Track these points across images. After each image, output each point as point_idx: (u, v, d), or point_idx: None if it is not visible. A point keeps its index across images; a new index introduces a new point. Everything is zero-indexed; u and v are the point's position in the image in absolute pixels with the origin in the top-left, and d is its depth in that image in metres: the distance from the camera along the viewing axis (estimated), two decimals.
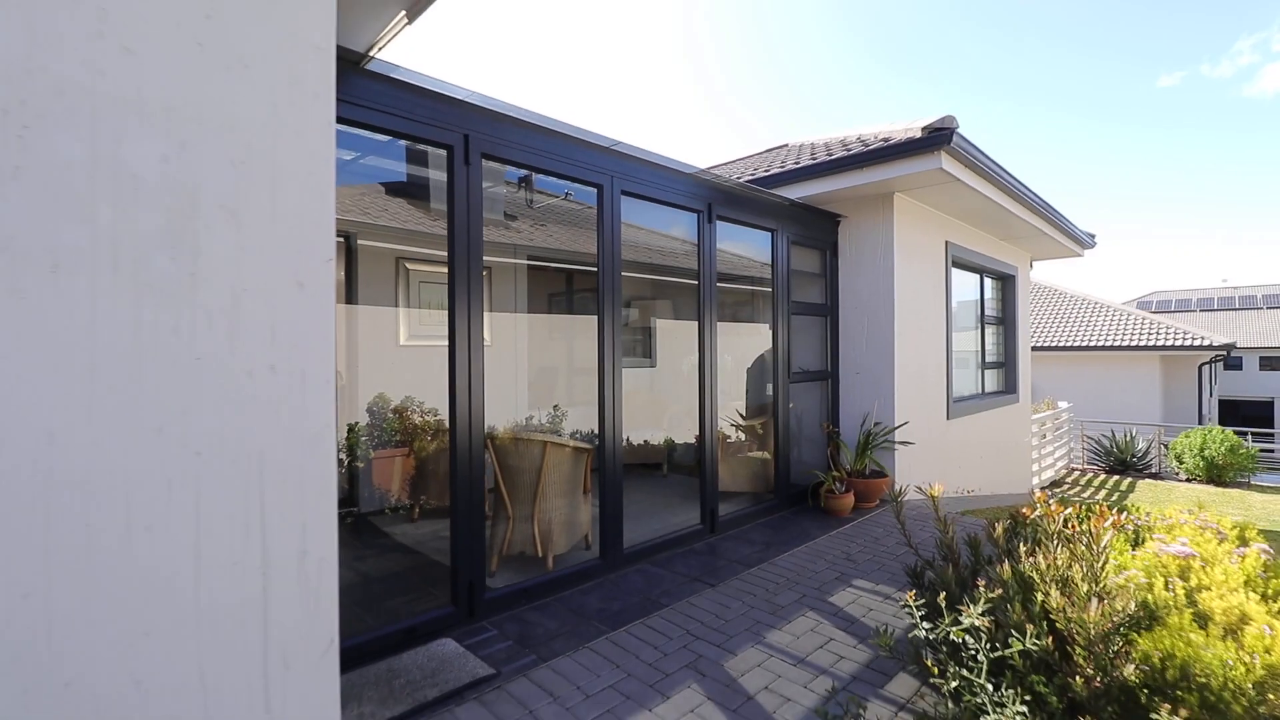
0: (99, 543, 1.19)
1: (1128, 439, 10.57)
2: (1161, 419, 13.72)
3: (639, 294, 7.79)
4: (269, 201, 1.38)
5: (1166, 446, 10.57)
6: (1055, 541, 2.45)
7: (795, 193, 5.49)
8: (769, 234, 5.15)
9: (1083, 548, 2.32)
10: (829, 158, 5.35)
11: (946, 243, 6.49)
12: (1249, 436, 13.00)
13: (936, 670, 1.85)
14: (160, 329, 1.25)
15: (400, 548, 4.37)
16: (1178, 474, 10.23)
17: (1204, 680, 1.99)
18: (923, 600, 2.11)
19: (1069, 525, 2.52)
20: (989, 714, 1.62)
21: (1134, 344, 14.56)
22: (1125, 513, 3.14)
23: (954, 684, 1.75)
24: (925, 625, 1.92)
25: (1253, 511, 8.15)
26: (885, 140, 5.14)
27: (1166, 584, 2.31)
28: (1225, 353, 14.65)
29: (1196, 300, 35.53)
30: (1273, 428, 27.41)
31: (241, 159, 1.35)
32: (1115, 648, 2.07)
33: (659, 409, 7.12)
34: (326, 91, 1.48)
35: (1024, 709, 1.60)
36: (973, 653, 1.81)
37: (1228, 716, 1.95)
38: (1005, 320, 8.46)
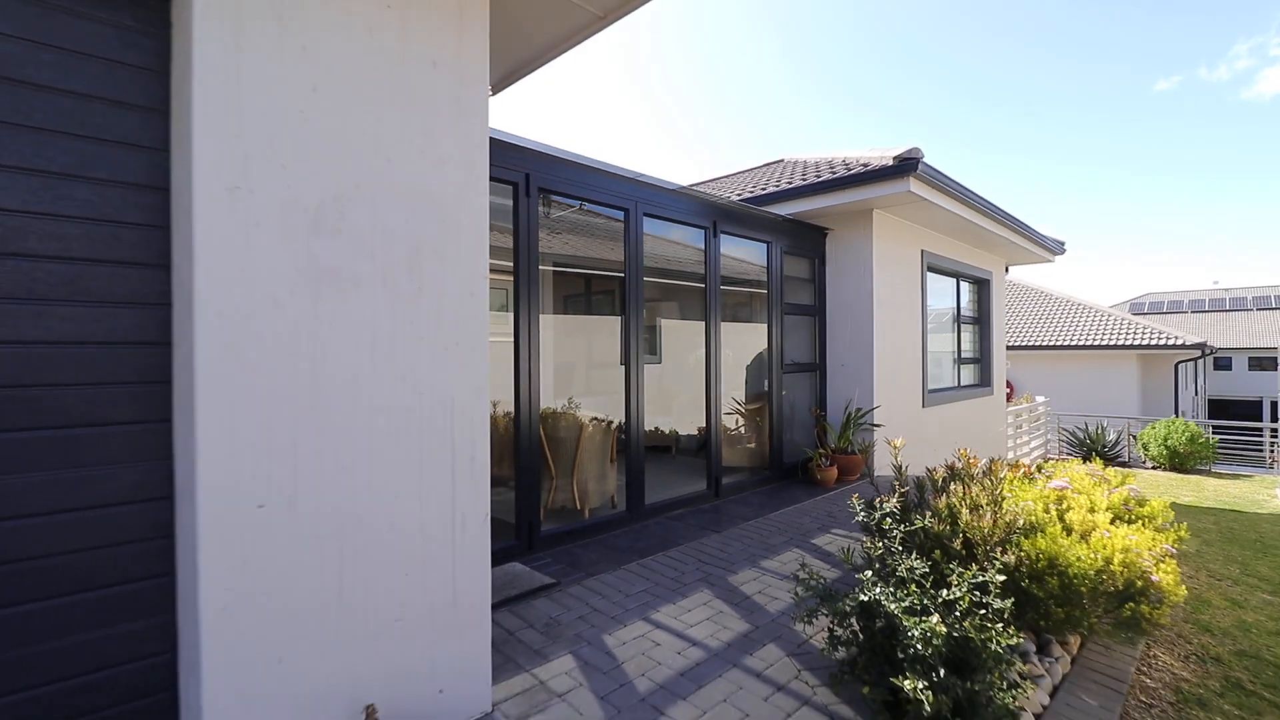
0: (378, 440, 2.10)
1: (1099, 431, 11.51)
2: (1140, 415, 14.64)
3: (647, 297, 8.70)
4: (455, 244, 2.29)
5: (1135, 437, 11.51)
6: (973, 481, 3.38)
7: (787, 209, 6.41)
8: (765, 245, 6.08)
9: (989, 481, 3.24)
10: (817, 179, 6.28)
11: (922, 251, 7.42)
12: (1232, 431, 13.96)
13: (869, 541, 2.78)
14: (402, 320, 2.16)
15: None
16: (1145, 462, 11.17)
17: (1064, 568, 2.91)
18: (873, 515, 3.02)
19: (985, 473, 3.45)
20: (895, 559, 2.54)
21: (1113, 343, 15.53)
22: (1040, 468, 4.07)
23: (879, 550, 2.67)
24: (863, 514, 2.85)
25: (1204, 492, 9.08)
26: (865, 165, 6.06)
27: (1046, 508, 3.23)
28: (1200, 352, 15.61)
29: (1188, 302, 36.53)
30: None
31: (442, 219, 2.26)
32: (1003, 547, 2.99)
33: (667, 399, 8.02)
34: (484, 174, 2.39)
35: (918, 561, 2.52)
36: (892, 534, 2.73)
37: (1079, 590, 2.88)
38: (981, 320, 9.39)
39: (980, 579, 2.47)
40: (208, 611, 1.78)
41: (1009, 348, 17.37)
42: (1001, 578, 2.49)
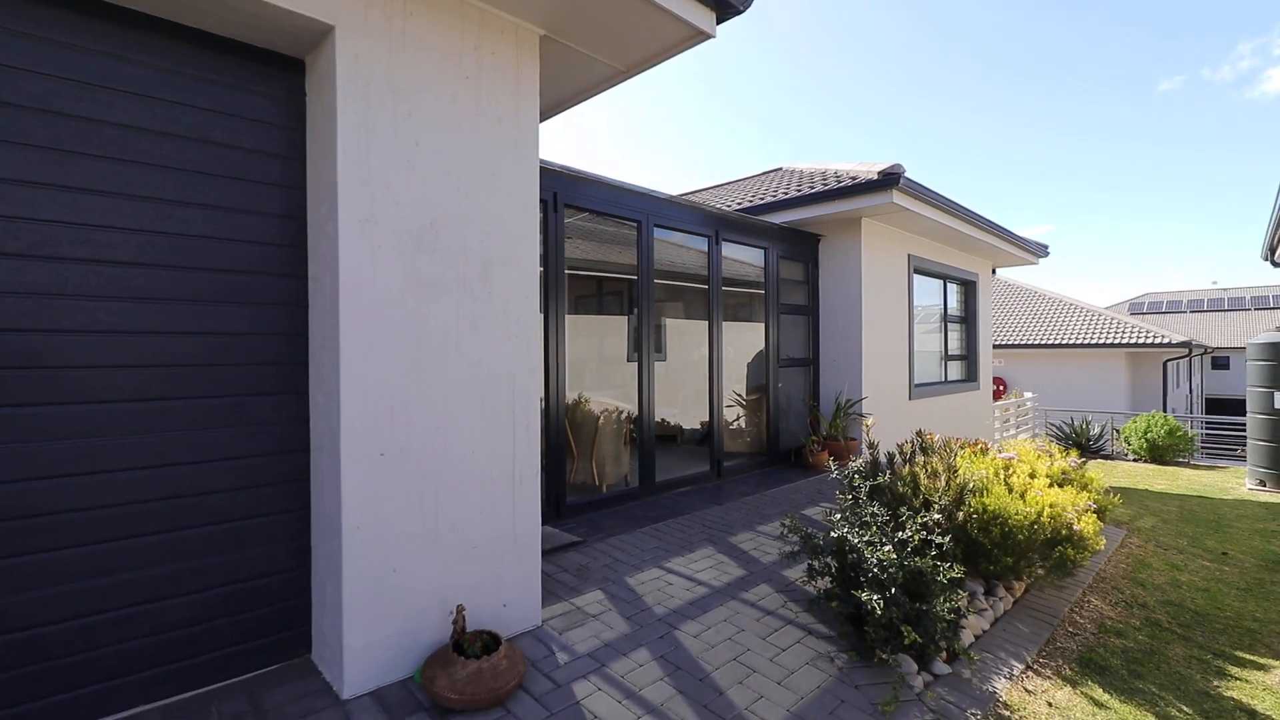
0: (460, 408, 2.77)
1: (1084, 425, 12.14)
2: (1129, 411, 15.27)
3: (625, 287, 9.37)
4: (515, 258, 2.96)
5: (1119, 431, 12.13)
6: (933, 453, 4.04)
7: (783, 217, 7.07)
8: (763, 250, 6.74)
9: (945, 453, 3.91)
10: (810, 190, 6.94)
11: (909, 255, 8.08)
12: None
13: (842, 496, 3.45)
14: (479, 318, 2.83)
15: None
16: (1126, 455, 11.79)
17: (1004, 519, 3.57)
18: (846, 473, 3.69)
19: (943, 446, 4.12)
20: (862, 508, 3.21)
21: (1102, 342, 16.17)
22: (995, 444, 4.73)
23: (848, 501, 3.34)
24: (837, 473, 3.52)
25: (1177, 481, 9.71)
26: (853, 178, 6.72)
27: (995, 474, 3.89)
28: (1186, 351, 16.24)
29: (1187, 302, 37.09)
30: None
31: (506, 239, 2.93)
32: (959, 508, 3.65)
33: (672, 393, 8.69)
34: (535, 203, 3.06)
35: (879, 509, 3.18)
36: (860, 489, 3.40)
37: (1018, 540, 3.54)
38: (967, 319, 10.04)
39: (924, 518, 3.13)
40: (347, 530, 2.45)
41: (1003, 346, 18.02)
42: (938, 515, 3.15)
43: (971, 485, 3.73)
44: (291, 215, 2.67)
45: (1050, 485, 3.88)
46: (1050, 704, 2.85)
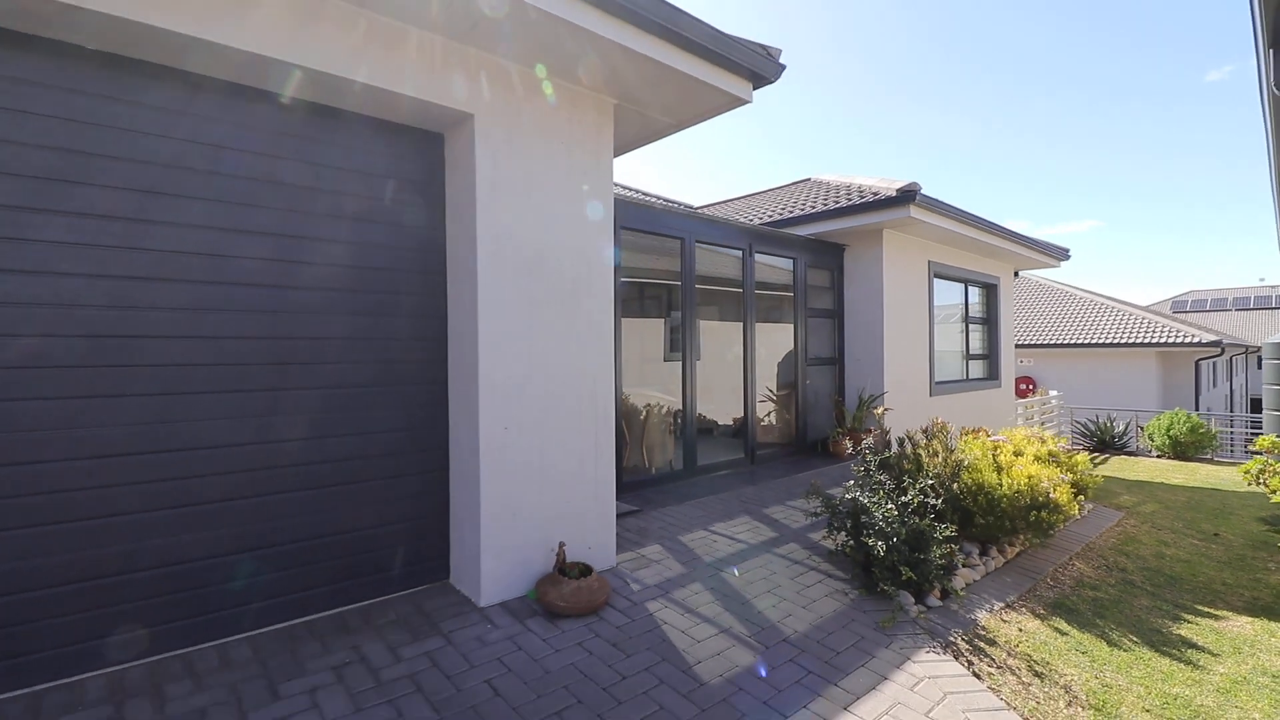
0: (556, 396, 3.67)
1: (1109, 422, 12.58)
2: (1159, 409, 15.56)
3: (669, 295, 10.21)
4: (596, 280, 3.85)
5: (1143, 428, 12.55)
6: (937, 437, 4.82)
7: (810, 229, 7.86)
8: (792, 260, 7.54)
9: (943, 436, 4.69)
10: (835, 205, 7.71)
11: (929, 261, 8.77)
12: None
13: (856, 469, 4.27)
14: (568, 326, 3.73)
15: None
16: (1150, 451, 12.22)
17: (990, 491, 4.35)
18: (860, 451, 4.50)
19: (941, 430, 4.89)
20: (872, 477, 4.03)
21: (1132, 341, 16.45)
22: (993, 430, 5.47)
23: (861, 471, 4.16)
24: (851, 449, 4.33)
25: (1195, 476, 10.18)
26: (875, 194, 7.48)
27: (984, 453, 4.65)
28: (1219, 350, 16.42)
29: (1232, 300, 36.42)
30: None
31: (589, 265, 3.82)
32: (954, 481, 4.43)
33: (709, 389, 9.53)
34: (611, 235, 3.95)
35: (886, 478, 3.99)
36: (870, 461, 4.21)
37: (1002, 507, 4.31)
38: (989, 321, 10.65)
39: (922, 484, 3.93)
40: (484, 485, 3.36)
41: (1033, 345, 18.38)
42: (933, 482, 3.95)
43: (966, 462, 4.51)
44: (432, 249, 3.61)
45: (1035, 463, 4.63)
46: (1020, 630, 3.63)
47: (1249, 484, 6.07)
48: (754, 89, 3.97)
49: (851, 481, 4.31)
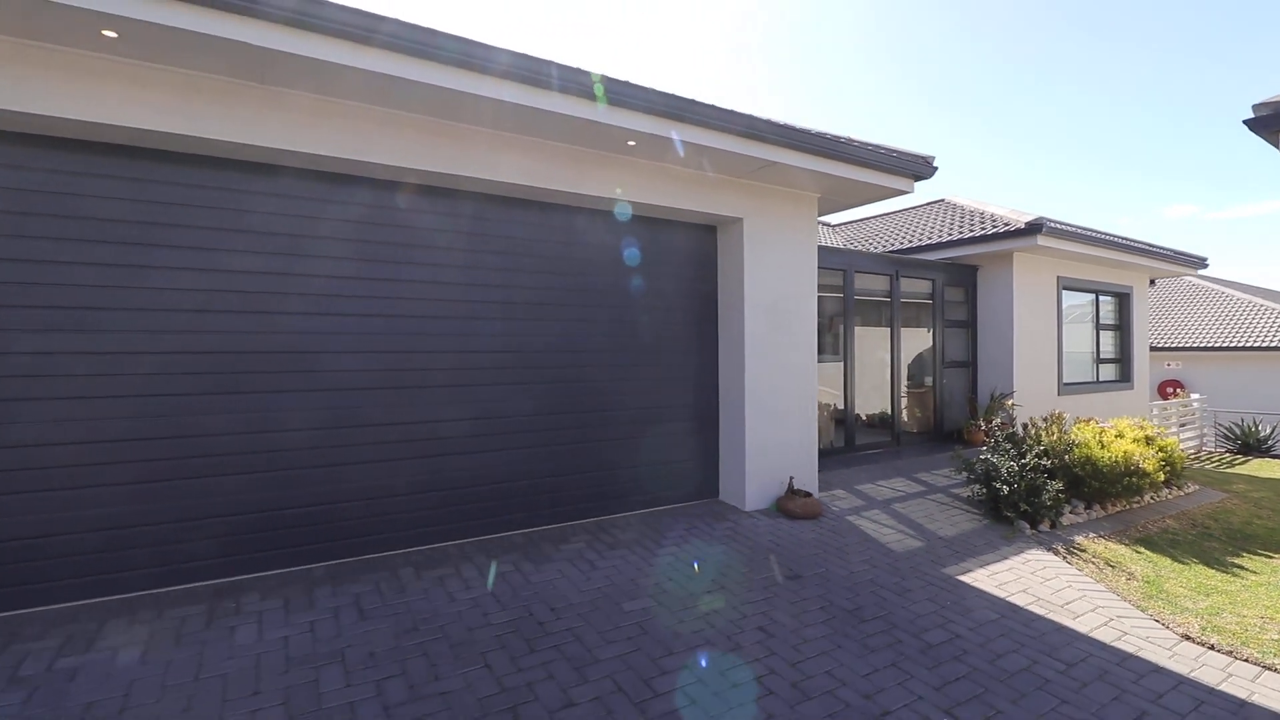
0: (784, 392, 6.02)
1: (1253, 425, 13.09)
2: None
3: (835, 311, 12.21)
4: (805, 315, 6.16)
5: None
6: (1053, 423, 6.68)
7: (945, 254, 9.70)
8: (931, 281, 9.44)
9: (1059, 421, 6.56)
10: (969, 234, 9.49)
11: (1058, 277, 10.27)
12: None
13: (987, 440, 6.28)
14: (792, 343, 6.06)
15: None
16: None
17: (1096, 462, 6.21)
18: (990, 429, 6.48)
19: (1057, 418, 6.75)
20: (999, 445, 6.03)
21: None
22: (1106, 420, 7.20)
23: (991, 442, 6.17)
24: (984, 428, 6.34)
25: None
26: (1007, 225, 9.20)
27: (1093, 436, 6.46)
28: None
29: None
30: None
31: (799, 303, 6.12)
32: (1067, 454, 6.31)
33: (859, 385, 11.52)
34: (815, 282, 6.23)
35: (1009, 444, 5.98)
36: (998, 435, 6.21)
37: (1103, 473, 6.17)
38: (1122, 327, 11.81)
39: (1037, 449, 5.91)
40: (748, 433, 5.78)
41: (1181, 349, 18.46)
42: (1041, 448, 5.92)
43: (1077, 440, 6.37)
44: (710, 297, 6.06)
45: (1132, 443, 6.38)
46: (1106, 548, 5.52)
47: None
48: (914, 182, 6.10)
49: (984, 450, 6.32)
